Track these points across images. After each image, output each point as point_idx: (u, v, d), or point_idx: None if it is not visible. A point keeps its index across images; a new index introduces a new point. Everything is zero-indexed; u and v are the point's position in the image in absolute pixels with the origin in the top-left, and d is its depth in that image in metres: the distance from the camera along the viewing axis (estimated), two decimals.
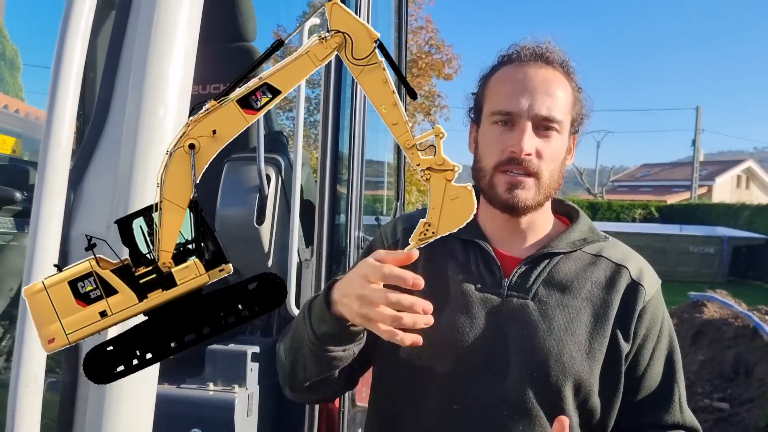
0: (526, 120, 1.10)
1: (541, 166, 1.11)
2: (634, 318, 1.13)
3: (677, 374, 1.18)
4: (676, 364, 1.18)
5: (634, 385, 1.15)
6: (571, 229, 1.20)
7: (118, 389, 0.85)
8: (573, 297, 1.13)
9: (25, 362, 0.76)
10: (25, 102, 3.14)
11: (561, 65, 1.16)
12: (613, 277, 1.16)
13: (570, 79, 1.17)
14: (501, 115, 1.12)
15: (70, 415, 0.90)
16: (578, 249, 1.18)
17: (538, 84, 1.12)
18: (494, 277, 1.15)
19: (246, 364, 1.80)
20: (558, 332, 1.10)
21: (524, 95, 1.11)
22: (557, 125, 1.12)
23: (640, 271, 1.18)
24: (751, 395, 5.45)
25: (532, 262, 1.16)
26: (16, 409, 0.76)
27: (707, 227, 17.96)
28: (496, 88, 1.16)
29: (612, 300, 1.13)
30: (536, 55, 1.15)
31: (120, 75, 0.97)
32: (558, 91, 1.13)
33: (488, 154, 1.14)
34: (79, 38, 0.84)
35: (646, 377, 1.16)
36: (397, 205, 3.07)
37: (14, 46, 3.15)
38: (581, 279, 1.15)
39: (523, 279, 1.14)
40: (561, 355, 1.09)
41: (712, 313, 7.57)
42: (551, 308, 1.12)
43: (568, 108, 1.14)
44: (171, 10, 0.94)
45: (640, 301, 1.14)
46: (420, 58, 14.17)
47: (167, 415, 1.67)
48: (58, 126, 0.81)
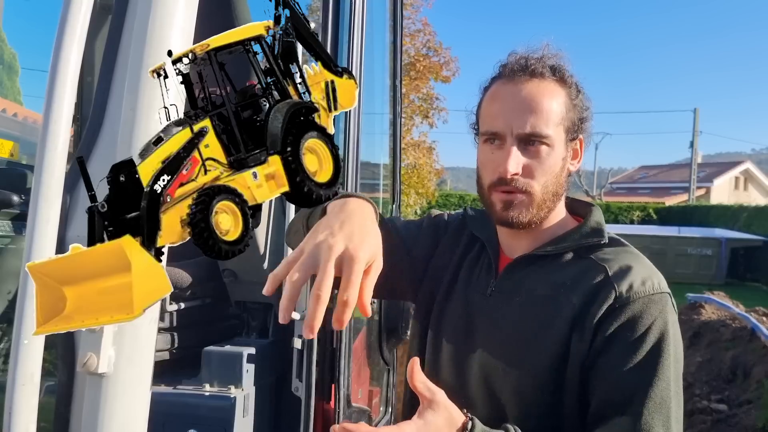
0: (512, 140, 1.12)
1: (530, 183, 1.12)
2: (597, 317, 1.06)
3: (650, 392, 1.02)
4: (652, 380, 1.02)
5: (596, 389, 1.06)
6: (571, 231, 1.20)
7: (114, 388, 0.86)
8: (543, 296, 1.14)
9: (22, 361, 0.77)
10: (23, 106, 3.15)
11: (553, 72, 1.15)
12: (588, 275, 1.12)
13: (564, 85, 1.15)
14: (488, 135, 1.16)
15: (66, 415, 0.91)
16: (567, 251, 1.18)
17: (521, 100, 1.12)
18: (488, 277, 1.24)
19: (242, 365, 1.81)
20: (519, 331, 1.14)
21: (507, 114, 1.12)
22: (545, 139, 1.12)
23: (621, 271, 1.10)
24: (749, 397, 5.46)
25: (517, 265, 1.21)
26: (12, 408, 0.78)
27: (705, 229, 17.98)
28: (486, 108, 1.19)
29: (576, 297, 1.10)
30: (523, 68, 1.14)
31: (116, 78, 0.98)
32: (544, 103, 1.12)
33: (484, 174, 1.18)
34: (75, 42, 0.85)
35: (609, 383, 1.04)
36: (392, 207, 3.08)
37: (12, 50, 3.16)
38: (557, 278, 1.14)
39: (506, 281, 1.21)
40: (518, 353, 1.13)
41: (710, 314, 7.58)
42: (519, 308, 1.16)
43: (559, 118, 1.13)
44: (166, 14, 0.96)
45: (608, 300, 1.07)
46: (418, 61, 14.18)
47: (164, 416, 1.69)
48: (54, 129, 0.82)
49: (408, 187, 13.43)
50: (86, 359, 0.83)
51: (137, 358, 0.89)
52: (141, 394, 0.90)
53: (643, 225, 22.03)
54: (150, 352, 0.91)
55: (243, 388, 1.80)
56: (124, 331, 0.87)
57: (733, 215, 19.14)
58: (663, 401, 1.02)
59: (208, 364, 1.82)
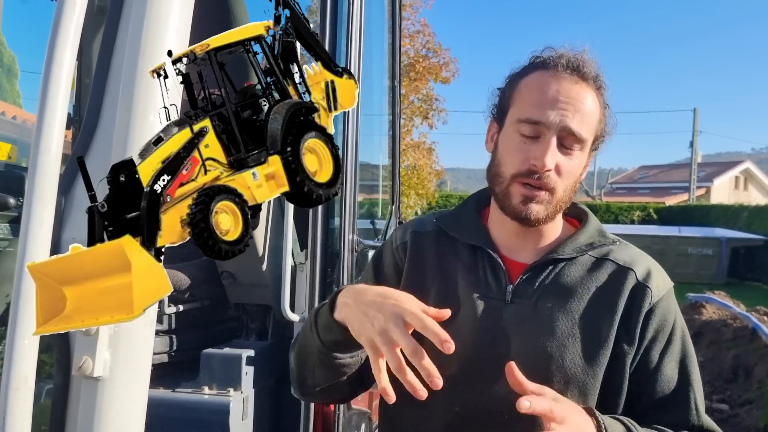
0: (554, 134, 1.09)
1: (558, 182, 1.11)
2: (640, 320, 1.12)
3: (692, 377, 1.14)
4: (690, 368, 1.15)
5: (645, 388, 1.13)
6: (579, 234, 1.19)
7: (110, 392, 0.85)
8: (577, 301, 1.12)
9: (16, 365, 0.77)
10: (23, 108, 3.15)
11: (594, 80, 1.14)
12: (619, 280, 1.14)
13: (600, 95, 1.15)
14: (528, 124, 1.10)
15: (62, 419, 0.90)
16: (584, 254, 1.17)
17: (571, 99, 1.10)
18: (500, 283, 1.16)
19: (241, 368, 1.80)
20: (560, 337, 1.10)
21: (556, 108, 1.09)
22: (581, 144, 1.11)
23: (647, 272, 1.15)
24: (750, 396, 5.46)
25: (536, 269, 1.16)
26: (6, 412, 0.77)
27: (706, 229, 17.96)
28: (527, 95, 1.13)
29: (617, 302, 1.12)
30: (572, 67, 1.12)
31: (110, 80, 0.98)
32: (589, 108, 1.11)
33: (508, 162, 1.13)
34: (69, 43, 0.84)
35: (657, 380, 1.13)
36: (392, 208, 3.07)
37: (12, 53, 3.16)
38: (586, 283, 1.14)
39: (527, 285, 1.15)
40: (563, 360, 1.09)
41: (711, 314, 7.58)
42: (554, 314, 1.12)
43: (594, 126, 1.13)
44: (161, 14, 0.95)
45: (646, 303, 1.12)
46: (417, 62, 14.19)
47: (163, 419, 1.68)
48: (48, 131, 0.82)
49: (408, 188, 13.43)
50: (81, 363, 0.83)
51: (133, 361, 0.88)
52: (137, 398, 0.90)
53: (643, 225, 22.01)
54: (147, 355, 0.91)
55: (242, 390, 1.80)
56: (120, 335, 0.86)
57: (734, 215, 19.14)
58: (698, 378, 1.15)
59: (207, 367, 1.81)
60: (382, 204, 3.21)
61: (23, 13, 3.12)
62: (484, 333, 1.13)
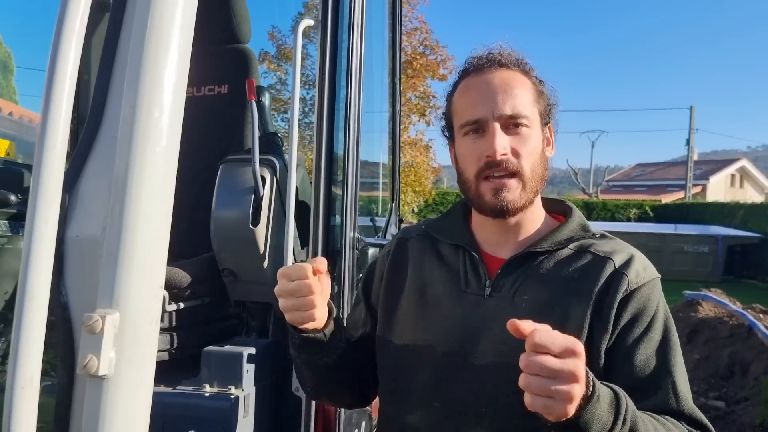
0: (494, 122, 1.13)
1: (521, 163, 1.14)
2: (614, 305, 1.11)
3: (672, 365, 1.13)
4: (670, 355, 1.14)
5: (620, 372, 1.12)
6: (560, 228, 1.21)
7: (115, 391, 0.85)
8: (553, 292, 1.14)
9: (21, 364, 0.76)
10: (19, 105, 3.14)
11: (516, 65, 1.19)
12: (596, 268, 1.15)
13: (528, 75, 1.20)
14: (469, 125, 1.16)
15: (66, 418, 0.90)
16: (564, 247, 1.18)
17: (496, 86, 1.15)
18: (479, 279, 1.19)
19: (242, 366, 1.80)
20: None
21: (486, 99, 1.14)
22: (525, 120, 1.15)
23: (626, 261, 1.15)
24: (747, 394, 5.47)
25: (514, 263, 1.18)
26: (12, 411, 0.76)
27: (702, 226, 18.01)
28: (460, 101, 1.20)
29: (591, 290, 1.12)
30: (490, 60, 1.19)
31: (114, 77, 0.97)
32: (518, 87, 1.16)
33: (467, 165, 1.17)
34: (73, 40, 0.84)
35: (632, 364, 1.11)
36: (392, 206, 3.07)
37: (8, 49, 3.14)
38: (563, 273, 1.15)
39: (505, 279, 1.18)
40: None
41: (707, 312, 7.60)
42: (530, 306, 1.13)
43: (532, 101, 1.17)
44: (165, 12, 0.94)
45: (621, 289, 1.12)
46: (414, 59, 14.19)
47: (164, 417, 1.68)
48: (52, 128, 0.81)
49: (405, 185, 13.43)
50: (86, 361, 0.82)
51: (139, 360, 0.87)
52: (143, 397, 0.89)
53: (639, 222, 22.07)
54: (152, 353, 0.90)
55: (243, 388, 1.80)
56: (125, 333, 0.86)
57: (730, 212, 19.19)
58: (682, 369, 1.14)
59: (208, 365, 1.81)
60: (382, 201, 3.21)
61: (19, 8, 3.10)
62: (462, 328, 1.17)
